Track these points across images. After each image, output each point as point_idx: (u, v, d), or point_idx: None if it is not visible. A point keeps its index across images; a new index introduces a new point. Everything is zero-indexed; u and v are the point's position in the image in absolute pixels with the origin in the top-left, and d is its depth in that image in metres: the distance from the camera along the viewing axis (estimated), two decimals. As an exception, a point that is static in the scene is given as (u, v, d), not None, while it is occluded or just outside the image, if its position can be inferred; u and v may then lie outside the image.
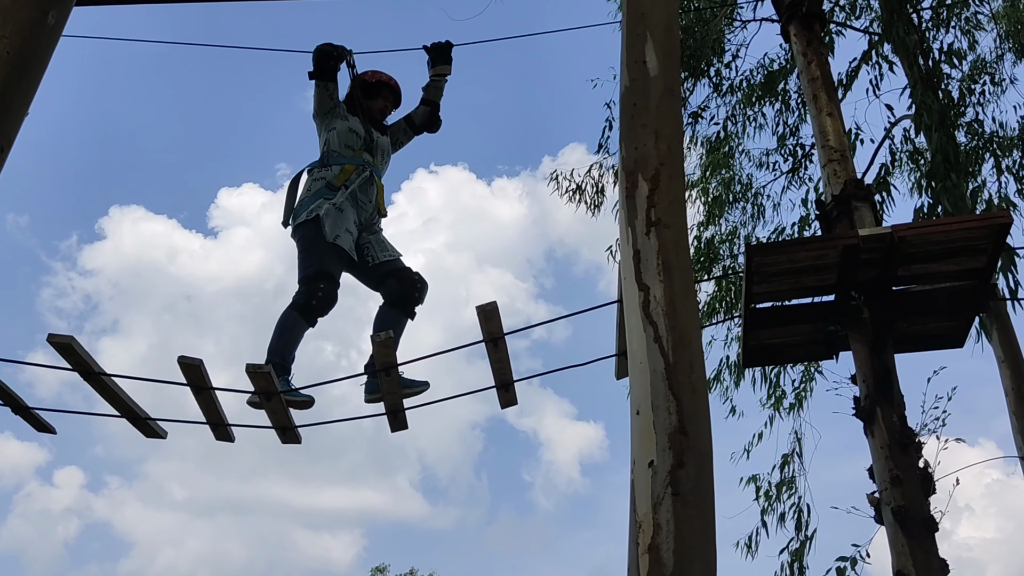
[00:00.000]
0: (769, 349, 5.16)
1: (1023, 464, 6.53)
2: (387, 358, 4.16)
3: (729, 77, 9.09)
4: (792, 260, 4.50)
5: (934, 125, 6.93)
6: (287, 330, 4.38)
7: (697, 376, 2.74)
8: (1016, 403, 6.72)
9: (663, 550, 2.41)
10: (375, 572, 27.25)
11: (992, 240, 4.31)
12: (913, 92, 7.36)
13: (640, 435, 2.66)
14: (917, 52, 7.33)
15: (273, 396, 4.18)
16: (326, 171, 4.68)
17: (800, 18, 5.79)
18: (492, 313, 4.11)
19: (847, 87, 8.95)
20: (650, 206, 3.02)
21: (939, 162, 6.72)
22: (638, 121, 3.21)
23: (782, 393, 7.53)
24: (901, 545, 4.02)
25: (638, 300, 2.87)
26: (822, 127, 5.38)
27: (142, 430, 4.72)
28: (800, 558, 6.62)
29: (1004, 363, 6.89)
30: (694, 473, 2.55)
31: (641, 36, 3.39)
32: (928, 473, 4.20)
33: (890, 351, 4.54)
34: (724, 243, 9.40)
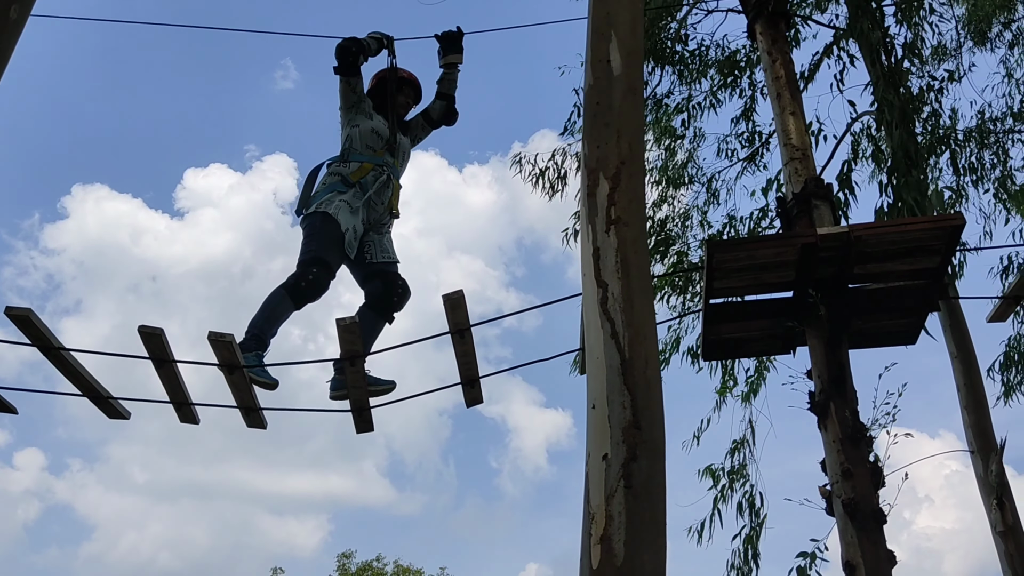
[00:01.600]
0: (728, 343, 5.25)
1: (973, 458, 6.72)
2: (352, 345, 4.14)
3: (692, 64, 9.19)
4: (752, 257, 4.58)
5: (895, 122, 7.05)
6: (272, 307, 4.39)
7: (652, 372, 2.81)
8: (967, 398, 6.90)
9: (615, 541, 2.48)
10: (341, 558, 27.27)
11: (946, 241, 4.43)
12: (875, 89, 7.49)
13: (595, 429, 2.73)
14: (880, 48, 7.45)
15: (236, 370, 4.14)
16: (343, 167, 4.71)
17: (766, 17, 5.88)
18: (459, 302, 4.11)
19: (809, 79, 9.09)
20: (610, 204, 3.08)
21: (900, 159, 6.85)
22: (600, 120, 3.27)
23: (734, 382, 7.69)
24: (850, 537, 4.14)
25: (596, 296, 2.94)
26: (785, 126, 5.48)
27: (105, 410, 4.66)
28: (753, 544, 6.75)
29: (957, 359, 7.06)
30: (646, 467, 2.62)
31: (606, 36, 3.44)
32: (878, 467, 4.32)
33: (845, 347, 4.65)
34: (676, 224, 9.53)
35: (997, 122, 10.09)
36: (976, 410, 6.82)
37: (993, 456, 6.50)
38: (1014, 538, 6.28)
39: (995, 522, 6.38)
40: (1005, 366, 8.79)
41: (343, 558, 27.04)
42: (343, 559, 27.01)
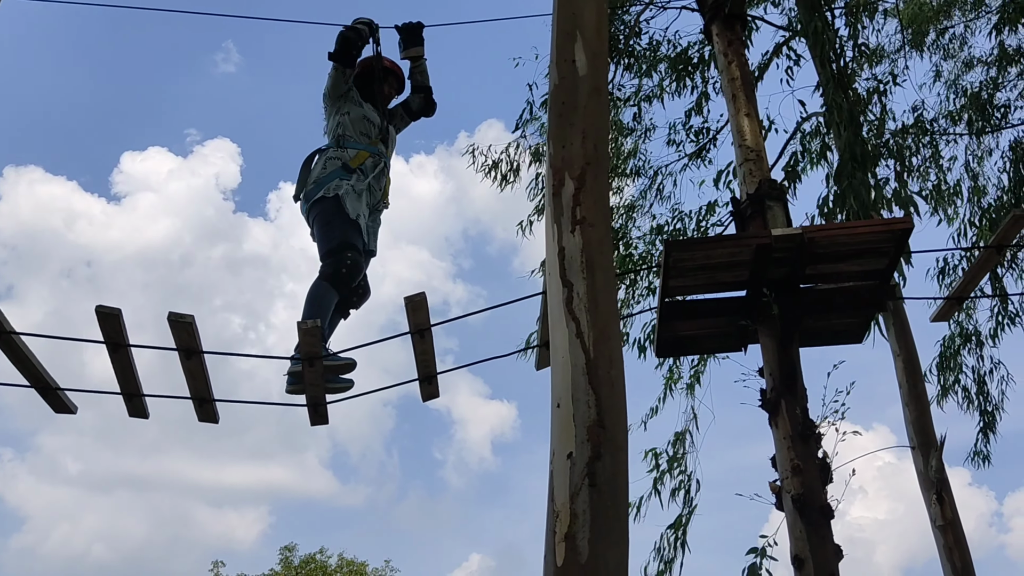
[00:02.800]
0: (683, 340, 5.33)
1: (914, 453, 6.93)
2: (312, 348, 4.13)
3: (644, 60, 9.30)
4: (708, 257, 4.66)
5: (843, 124, 7.23)
6: (319, 300, 4.40)
7: (616, 371, 2.84)
8: (909, 395, 7.12)
9: (579, 539, 2.51)
10: (283, 551, 27.01)
11: (894, 243, 4.55)
12: (825, 91, 7.66)
13: (560, 427, 2.75)
14: (830, 51, 7.62)
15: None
16: (342, 152, 4.71)
17: (723, 19, 5.95)
18: (420, 304, 4.12)
19: (759, 78, 9.27)
20: (575, 204, 3.11)
21: (847, 160, 7.02)
22: (566, 120, 3.29)
23: (679, 375, 7.85)
24: (799, 531, 4.24)
25: (562, 296, 2.96)
26: (739, 127, 5.56)
27: (51, 403, 4.46)
28: (682, 529, 6.89)
29: (899, 357, 7.27)
30: (610, 465, 2.66)
31: (571, 35, 3.46)
32: (826, 463, 4.43)
33: (796, 346, 4.76)
34: (623, 215, 9.67)
35: (933, 123, 10.41)
36: (917, 407, 7.05)
37: (933, 452, 6.73)
38: (953, 532, 6.50)
39: (935, 516, 6.60)
40: (941, 367, 9.11)
41: (285, 551, 26.80)
42: (285, 552, 26.77)
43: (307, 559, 26.96)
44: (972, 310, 9.50)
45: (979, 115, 10.55)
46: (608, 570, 2.49)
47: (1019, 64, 10.84)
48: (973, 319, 9.28)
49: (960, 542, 6.47)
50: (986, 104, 10.61)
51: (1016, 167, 10.06)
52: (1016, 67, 10.81)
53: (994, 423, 8.81)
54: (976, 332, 9.54)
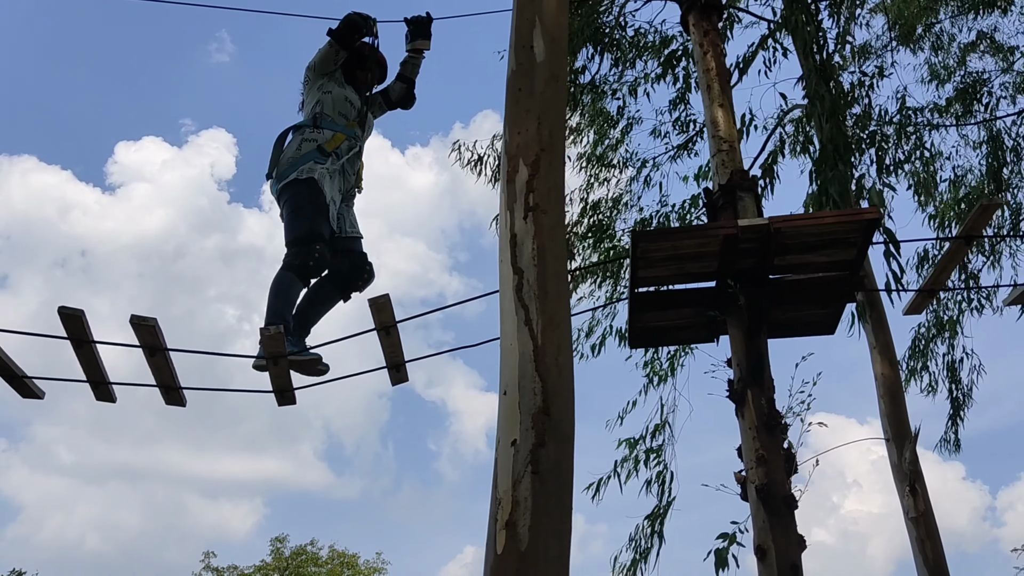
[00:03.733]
0: (654, 331, 5.31)
1: (888, 445, 6.93)
2: (276, 349, 4.20)
3: (629, 51, 9.28)
4: (676, 247, 4.64)
5: (825, 116, 7.20)
6: (284, 292, 4.38)
7: (564, 358, 2.83)
8: (884, 388, 7.12)
9: (520, 526, 2.50)
10: (274, 542, 27.04)
11: (862, 234, 4.54)
12: (807, 83, 7.63)
13: (505, 415, 2.74)
14: (813, 43, 7.59)
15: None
16: (318, 133, 4.66)
17: (699, 9, 5.93)
18: (384, 306, 4.23)
19: (744, 71, 9.23)
20: (529, 191, 3.09)
21: (828, 152, 7.00)
22: (522, 106, 3.27)
23: (659, 366, 7.83)
24: (762, 521, 4.24)
25: (512, 283, 2.95)
26: (714, 118, 5.54)
27: (18, 389, 4.61)
28: (659, 522, 6.88)
29: (876, 349, 7.27)
30: (554, 452, 2.65)
31: (530, 21, 3.44)
32: (791, 453, 4.43)
33: (764, 337, 4.75)
34: (611, 208, 9.63)
35: (917, 112, 10.40)
36: (892, 399, 7.04)
37: (907, 444, 6.72)
38: (926, 524, 6.51)
39: (908, 508, 6.60)
40: (912, 354, 9.13)
41: (276, 542, 26.83)
42: (276, 543, 26.80)
43: (298, 550, 27.00)
44: (950, 299, 9.53)
45: (963, 106, 10.56)
46: (548, 558, 2.48)
47: (999, 55, 10.87)
48: (950, 309, 9.29)
49: (932, 534, 6.48)
50: (970, 94, 10.62)
51: (996, 155, 10.07)
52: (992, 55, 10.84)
53: (962, 411, 8.83)
54: (952, 321, 9.56)
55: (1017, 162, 10.59)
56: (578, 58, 9.51)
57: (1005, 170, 10.42)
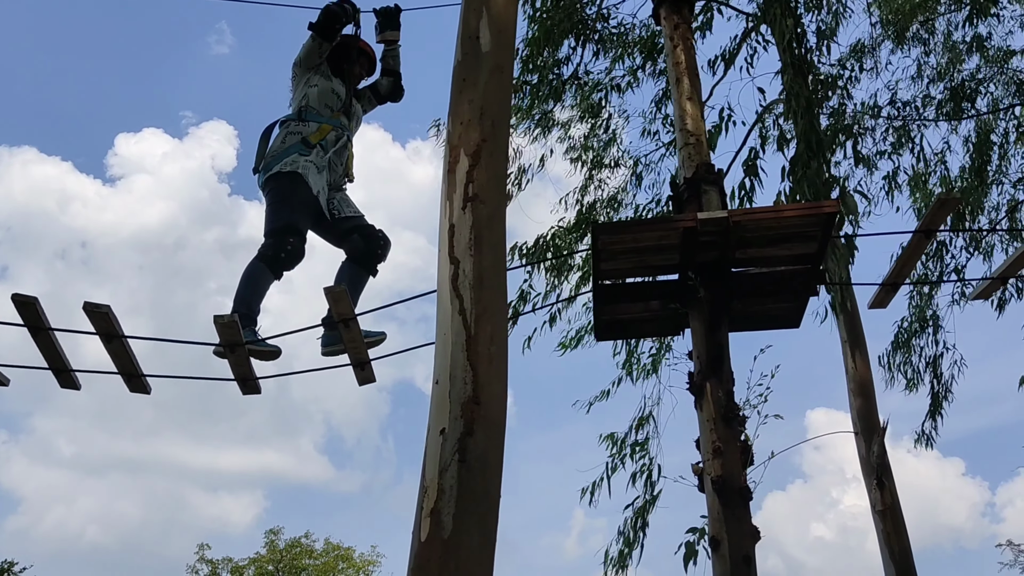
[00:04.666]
0: (620, 324, 5.32)
1: (857, 439, 6.94)
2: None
3: (612, 41, 9.27)
4: (636, 240, 4.64)
5: (801, 112, 7.20)
6: (254, 281, 4.39)
7: (497, 348, 2.84)
8: (854, 382, 7.12)
9: (443, 514, 2.52)
10: (268, 534, 27.14)
11: (821, 227, 4.54)
12: (784, 78, 7.63)
13: (436, 404, 2.75)
14: (791, 37, 7.57)
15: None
16: (303, 126, 4.68)
17: (670, 2, 5.91)
18: (340, 296, 4.18)
19: (729, 64, 9.22)
20: (468, 181, 3.10)
21: (802, 149, 7.00)
22: (465, 96, 3.28)
23: (637, 359, 7.85)
24: (717, 513, 4.25)
25: (448, 273, 2.95)
26: (682, 111, 5.54)
27: None
28: (643, 515, 6.91)
29: (847, 343, 7.27)
30: (483, 441, 2.66)
31: (477, 12, 3.44)
32: (747, 445, 4.44)
33: (725, 330, 4.75)
34: (605, 208, 9.63)
35: (906, 106, 10.39)
36: (862, 393, 7.05)
37: (875, 438, 6.73)
38: (892, 518, 6.52)
39: (875, 502, 6.61)
40: (894, 348, 9.14)
41: (271, 534, 26.93)
42: (271, 535, 26.89)
43: (292, 543, 27.09)
44: (935, 294, 9.54)
45: (952, 102, 10.55)
46: (471, 546, 2.49)
47: (987, 54, 10.85)
48: (934, 304, 9.30)
49: (899, 528, 6.48)
50: (958, 92, 10.60)
51: (979, 151, 10.06)
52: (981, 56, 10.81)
53: (941, 406, 8.85)
54: (935, 316, 9.57)
55: (1004, 158, 10.61)
56: (560, 50, 9.52)
57: (989, 167, 10.43)
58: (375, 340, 4.52)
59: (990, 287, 5.13)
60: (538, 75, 9.50)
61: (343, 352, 4.49)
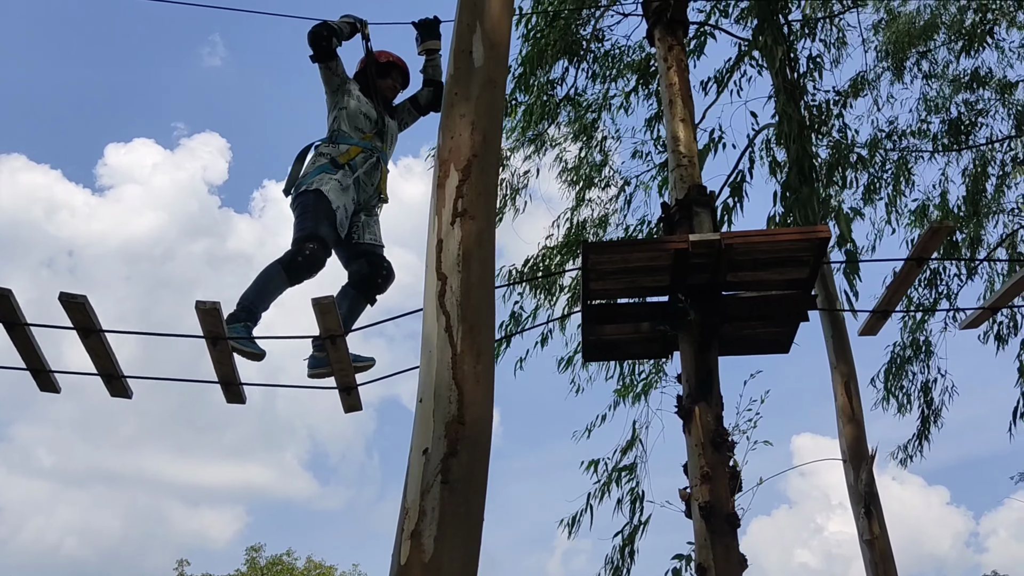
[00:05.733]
0: (608, 345, 5.26)
1: (845, 467, 6.88)
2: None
3: (606, 64, 9.29)
4: (627, 260, 4.60)
5: (793, 136, 7.20)
6: (265, 282, 4.35)
7: (483, 367, 2.77)
8: (843, 408, 7.07)
9: (425, 536, 2.44)
10: (249, 551, 26.82)
11: (814, 252, 4.51)
12: (776, 102, 7.63)
13: (420, 423, 2.68)
14: (784, 62, 7.59)
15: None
16: (332, 148, 4.71)
17: (665, 23, 5.91)
18: (328, 308, 3.97)
19: (722, 88, 9.24)
20: (458, 196, 3.05)
21: (794, 173, 6.99)
22: (457, 111, 3.23)
23: (631, 382, 7.78)
24: (704, 539, 4.18)
25: (435, 289, 2.89)
26: (674, 132, 5.52)
27: None
28: (631, 542, 6.82)
29: (836, 369, 7.23)
30: (466, 462, 2.59)
31: (471, 26, 3.41)
32: (736, 471, 4.38)
33: (715, 353, 4.70)
34: (595, 228, 9.60)
35: (901, 138, 10.44)
36: (851, 420, 7.00)
37: (863, 465, 6.68)
38: (880, 547, 6.45)
39: (862, 531, 6.55)
40: (888, 375, 9.13)
41: (252, 551, 26.59)
42: (252, 552, 26.56)
43: (274, 560, 26.77)
44: (927, 321, 9.56)
45: (950, 134, 10.61)
46: (453, 570, 2.42)
47: (987, 87, 10.91)
48: (926, 329, 9.31)
49: (886, 557, 6.42)
50: (957, 123, 10.66)
51: (976, 182, 10.11)
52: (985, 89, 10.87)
53: (928, 430, 8.85)
54: (928, 343, 9.58)
55: (999, 189, 10.66)
56: (554, 70, 9.53)
57: (985, 197, 10.48)
58: (364, 365, 4.44)
59: (980, 316, 5.09)
60: (532, 95, 9.52)
61: (330, 375, 4.39)
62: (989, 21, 10.73)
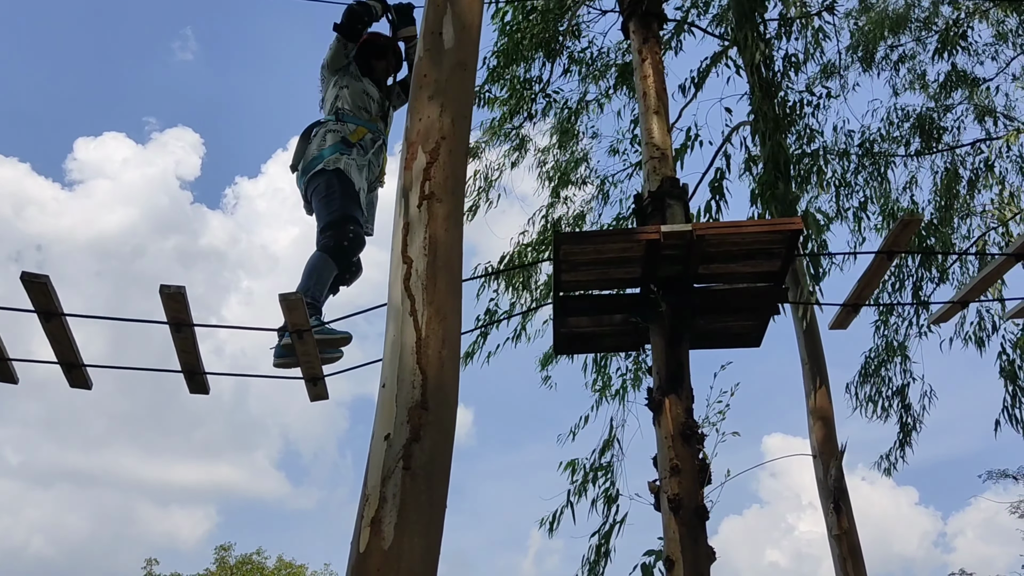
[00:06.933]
0: (580, 337, 5.22)
1: (815, 462, 6.89)
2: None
3: (585, 61, 9.27)
4: (599, 251, 4.56)
5: (768, 133, 7.20)
6: (318, 271, 4.38)
7: (449, 352, 2.72)
8: (813, 403, 7.08)
9: (385, 524, 2.38)
10: (219, 550, 26.56)
11: (785, 245, 4.49)
12: (752, 99, 7.64)
13: (382, 408, 2.62)
14: (760, 60, 7.60)
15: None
16: (341, 126, 4.70)
17: (640, 16, 5.88)
18: (296, 304, 4.00)
19: (699, 86, 9.25)
20: (425, 179, 2.99)
21: (770, 170, 6.99)
22: (425, 92, 3.17)
23: (608, 379, 7.74)
24: (672, 532, 4.14)
25: (401, 273, 2.83)
26: (648, 125, 5.48)
27: None
28: (607, 541, 6.79)
29: (806, 365, 7.24)
30: (429, 448, 2.53)
31: (441, 7, 3.35)
32: (705, 464, 4.35)
33: (686, 346, 4.67)
34: (571, 225, 9.58)
35: (874, 143, 10.50)
36: (821, 416, 7.01)
37: (833, 461, 6.69)
38: (848, 542, 6.47)
39: (831, 526, 6.56)
40: (862, 377, 9.16)
41: (222, 550, 26.34)
42: (221, 551, 26.31)
43: (243, 559, 26.53)
44: (897, 320, 9.60)
45: (922, 136, 10.68)
46: (413, 557, 2.36)
47: (961, 88, 10.99)
48: (900, 332, 9.36)
49: (855, 552, 6.43)
50: (927, 125, 10.74)
51: (948, 185, 10.19)
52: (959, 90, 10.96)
53: (910, 437, 8.87)
54: (903, 346, 9.63)
55: (970, 191, 10.74)
56: (532, 67, 9.50)
57: (956, 202, 10.55)
58: (331, 358, 4.40)
59: (949, 311, 5.11)
60: (507, 89, 9.47)
61: (296, 365, 4.35)
62: (963, 22, 10.82)
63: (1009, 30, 10.95)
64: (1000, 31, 10.92)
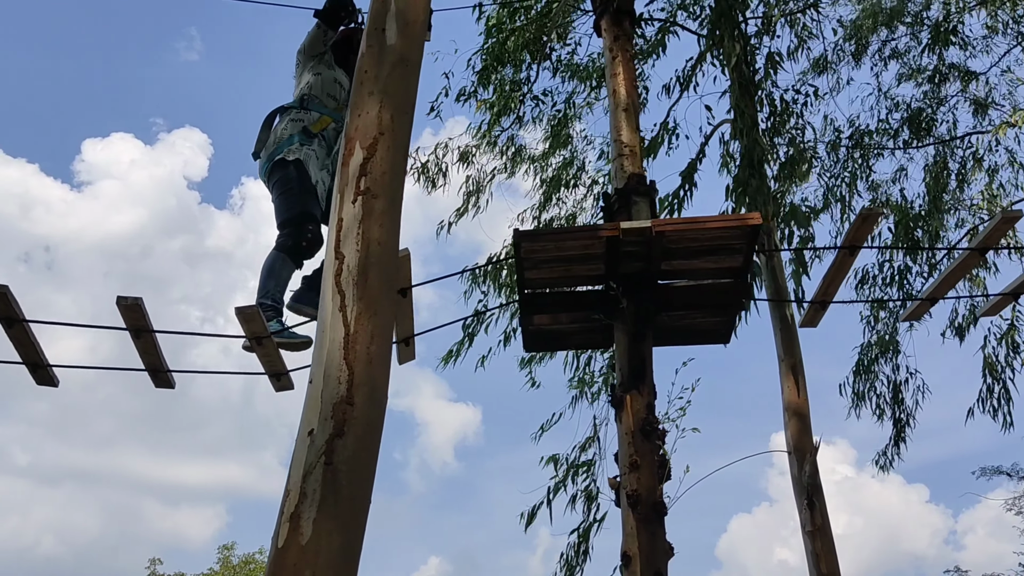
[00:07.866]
0: (548, 335, 5.22)
1: (790, 458, 6.87)
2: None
3: (571, 63, 9.27)
4: (560, 248, 4.55)
5: (746, 130, 7.20)
6: (276, 272, 4.40)
7: (378, 347, 2.71)
8: (788, 399, 7.06)
9: (303, 519, 2.38)
10: (222, 549, 26.62)
11: (746, 240, 4.48)
12: (731, 97, 7.63)
13: (308, 404, 2.62)
14: (740, 60, 7.59)
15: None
16: (304, 115, 4.67)
17: (611, 14, 5.87)
18: (252, 316, 4.20)
19: (685, 87, 9.24)
20: (362, 175, 2.98)
21: (744, 166, 6.99)
22: (365, 88, 3.17)
23: (590, 377, 7.74)
24: (630, 527, 4.14)
25: (333, 268, 2.83)
26: (617, 123, 5.47)
27: None
28: (587, 538, 6.79)
29: (784, 362, 7.22)
30: (352, 444, 2.53)
31: (385, 3, 3.35)
32: (665, 459, 4.34)
33: (649, 342, 4.66)
34: (563, 224, 9.59)
35: (864, 136, 10.46)
36: (796, 412, 6.99)
37: (807, 458, 6.66)
38: (822, 539, 6.44)
39: (804, 522, 6.54)
40: (856, 374, 9.13)
41: (224, 549, 26.39)
42: (224, 550, 26.37)
43: (247, 559, 26.58)
44: (889, 319, 9.57)
45: (911, 129, 10.63)
46: (331, 553, 2.35)
47: (952, 81, 10.93)
48: (891, 327, 9.32)
49: (828, 549, 6.41)
50: (918, 118, 10.69)
51: (936, 178, 10.14)
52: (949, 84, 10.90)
53: (904, 433, 8.84)
54: (894, 342, 9.59)
55: (960, 184, 10.69)
56: (520, 69, 9.51)
57: (945, 195, 10.50)
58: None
59: (919, 308, 5.09)
60: (496, 91, 9.49)
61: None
62: (955, 15, 10.75)
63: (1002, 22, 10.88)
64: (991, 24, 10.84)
